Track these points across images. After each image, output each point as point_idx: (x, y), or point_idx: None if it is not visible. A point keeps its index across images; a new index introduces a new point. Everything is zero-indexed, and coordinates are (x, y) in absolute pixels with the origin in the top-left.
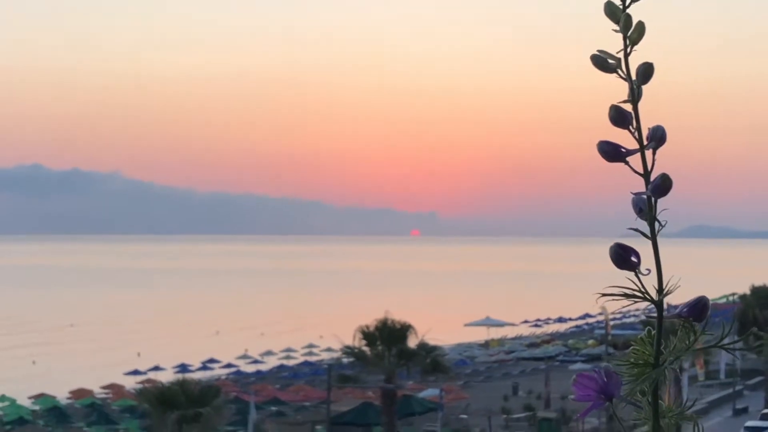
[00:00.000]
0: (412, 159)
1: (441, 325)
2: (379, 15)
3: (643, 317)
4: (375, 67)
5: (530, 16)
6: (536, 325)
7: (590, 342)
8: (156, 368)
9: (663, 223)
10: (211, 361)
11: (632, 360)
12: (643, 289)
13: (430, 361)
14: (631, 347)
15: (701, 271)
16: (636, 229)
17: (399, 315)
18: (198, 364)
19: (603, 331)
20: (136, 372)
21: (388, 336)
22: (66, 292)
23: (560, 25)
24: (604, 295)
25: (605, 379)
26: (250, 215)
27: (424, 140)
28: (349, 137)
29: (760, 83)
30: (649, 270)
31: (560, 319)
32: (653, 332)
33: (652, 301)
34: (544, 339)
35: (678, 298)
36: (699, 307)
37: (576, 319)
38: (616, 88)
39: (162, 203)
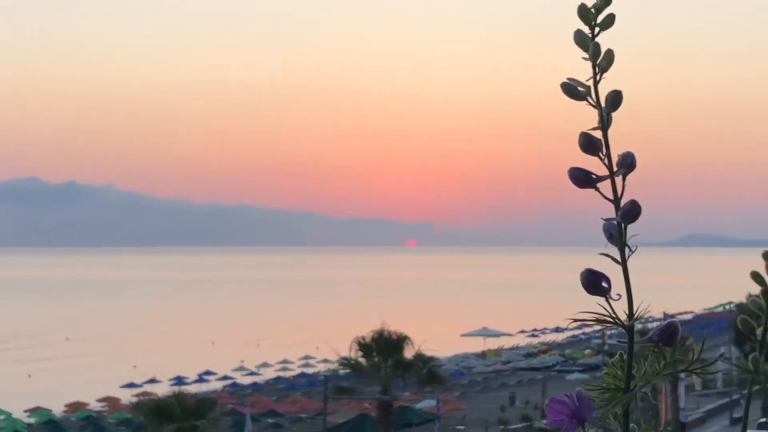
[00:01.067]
0: (407, 167)
1: (437, 335)
2: (377, 20)
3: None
4: (371, 75)
5: (533, 16)
6: (533, 335)
7: (587, 352)
8: (152, 381)
9: (633, 249)
10: (207, 373)
11: (604, 385)
12: (614, 315)
13: (427, 371)
14: (604, 371)
15: (697, 280)
16: (607, 255)
17: (395, 326)
18: (194, 377)
19: (600, 341)
20: (132, 385)
21: (384, 347)
22: (62, 305)
23: (564, 24)
24: (575, 320)
25: (577, 404)
26: (246, 227)
27: (420, 148)
28: (344, 147)
29: (760, 90)
30: (620, 295)
31: (557, 329)
32: (625, 357)
33: (622, 326)
34: (541, 349)
35: (673, 306)
36: (669, 332)
37: (573, 329)
38: (586, 115)
39: (157, 215)
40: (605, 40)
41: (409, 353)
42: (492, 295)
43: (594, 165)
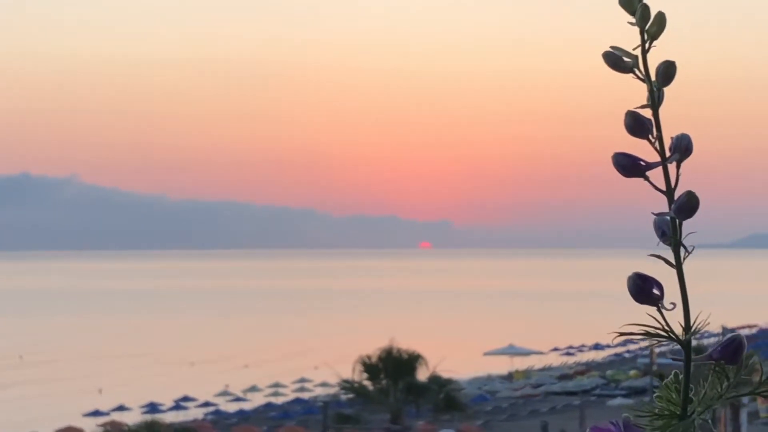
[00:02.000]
0: (421, 159)
1: (456, 354)
2: None
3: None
4: (376, 55)
5: None
6: (568, 354)
7: (632, 373)
8: (121, 408)
9: (690, 249)
10: (185, 399)
11: (656, 410)
12: (667, 327)
13: (444, 396)
14: (655, 394)
15: (763, 288)
16: (659, 256)
17: (406, 343)
18: (170, 403)
19: (647, 360)
20: (97, 413)
21: (393, 368)
22: (13, 319)
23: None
24: (621, 334)
25: None
26: (230, 226)
27: (435, 138)
28: (346, 135)
29: None
30: (674, 304)
31: (596, 346)
32: (680, 377)
33: (678, 340)
34: (578, 370)
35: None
36: (733, 348)
37: (615, 346)
38: (633, 90)
39: (127, 212)
40: (656, 1)
41: (422, 375)
42: (520, 306)
43: (643, 150)
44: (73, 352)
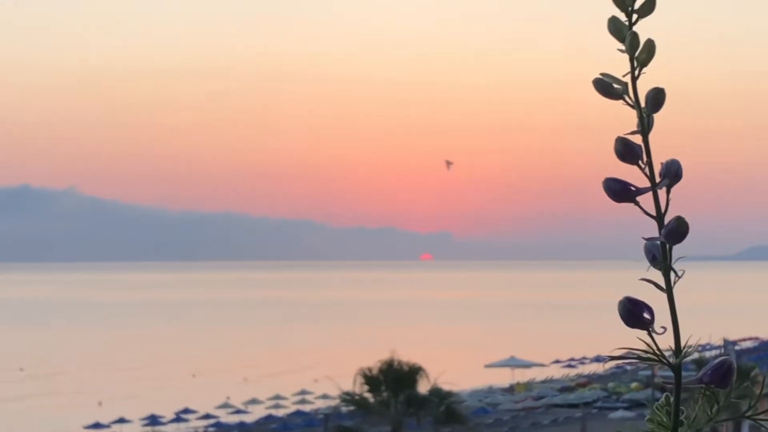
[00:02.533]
0: (421, 170)
1: (457, 366)
2: (384, 5)
3: (696, 355)
4: (376, 66)
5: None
6: (569, 366)
7: (633, 385)
8: (121, 420)
9: (679, 274)
10: (186, 411)
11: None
12: (657, 351)
13: (445, 409)
14: (647, 417)
15: (763, 300)
16: (650, 280)
17: (407, 355)
18: (171, 415)
19: (649, 372)
20: (97, 425)
21: (394, 380)
22: (13, 330)
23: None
24: (613, 358)
25: None
26: (229, 237)
27: (436, 148)
28: (345, 146)
29: None
30: (664, 328)
31: (598, 359)
32: (671, 399)
33: (668, 364)
34: (579, 382)
35: (735, 331)
36: (722, 372)
37: (615, 359)
38: (623, 116)
39: (127, 224)
40: (645, 28)
41: (423, 387)
42: (521, 318)
43: (633, 174)
44: (74, 364)
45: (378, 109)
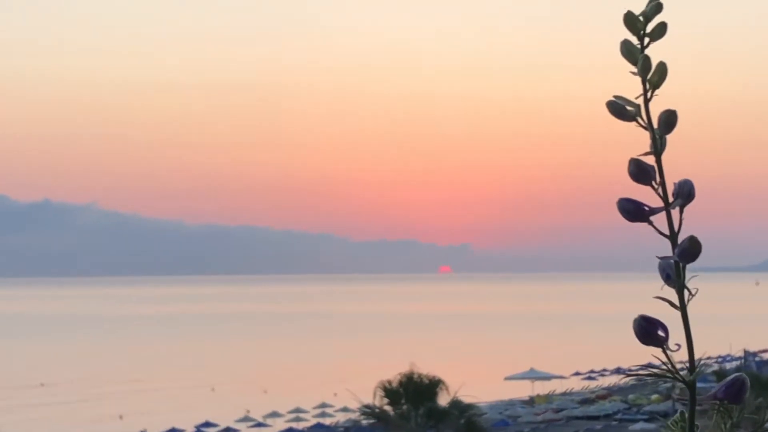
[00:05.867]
0: (440, 181)
1: (477, 379)
2: (400, 8)
3: (715, 366)
4: (396, 80)
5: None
6: (590, 378)
7: (654, 397)
8: None
9: (693, 292)
10: (207, 424)
11: None
12: (672, 368)
13: (465, 421)
14: None
15: None
16: (663, 298)
17: (427, 368)
18: (191, 429)
19: (669, 384)
20: None
21: (414, 393)
22: (35, 345)
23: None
24: (629, 376)
25: None
26: (248, 251)
27: (454, 160)
28: (365, 159)
29: None
30: (678, 345)
31: (618, 370)
32: (686, 416)
33: (683, 381)
34: (600, 394)
35: (757, 342)
36: (736, 389)
37: (637, 370)
38: (637, 137)
39: (146, 238)
40: (657, 51)
41: (443, 400)
42: (541, 330)
43: (646, 194)
44: (94, 378)
45: (398, 122)
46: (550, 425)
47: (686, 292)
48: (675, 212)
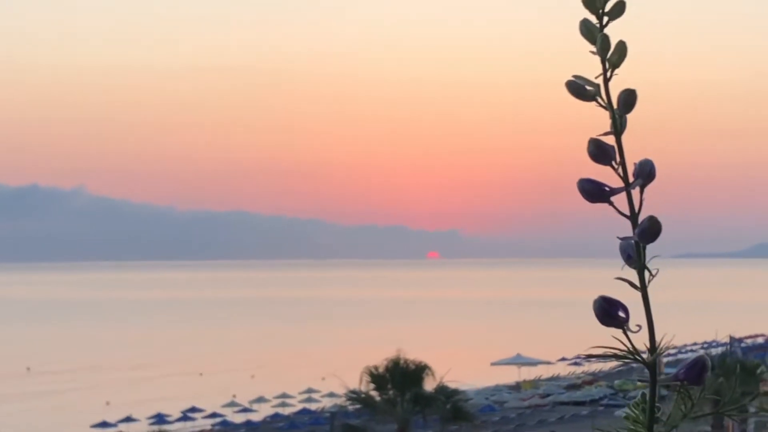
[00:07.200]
0: (429, 167)
1: (463, 364)
2: (396, 3)
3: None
4: (385, 65)
5: None
6: (576, 363)
7: (640, 383)
8: (128, 419)
9: (654, 273)
10: (193, 410)
11: (625, 429)
12: (633, 349)
13: (451, 407)
14: (625, 413)
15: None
16: (625, 279)
17: (413, 353)
18: (177, 414)
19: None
20: (104, 424)
21: (400, 378)
22: (21, 330)
23: None
24: (588, 357)
25: None
26: (239, 236)
27: (443, 145)
28: (354, 145)
29: None
30: (639, 326)
31: (595, 356)
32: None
33: (643, 362)
34: (586, 379)
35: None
36: (697, 370)
37: (598, 353)
38: (597, 118)
39: (136, 223)
40: (617, 30)
41: (430, 385)
42: (528, 316)
43: (607, 175)
44: (81, 363)
45: (387, 107)
46: (536, 410)
47: (647, 273)
48: (635, 192)
